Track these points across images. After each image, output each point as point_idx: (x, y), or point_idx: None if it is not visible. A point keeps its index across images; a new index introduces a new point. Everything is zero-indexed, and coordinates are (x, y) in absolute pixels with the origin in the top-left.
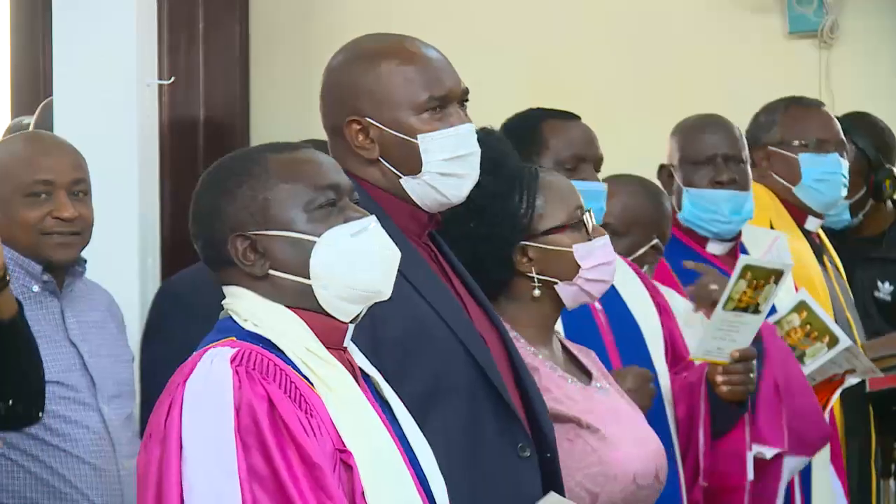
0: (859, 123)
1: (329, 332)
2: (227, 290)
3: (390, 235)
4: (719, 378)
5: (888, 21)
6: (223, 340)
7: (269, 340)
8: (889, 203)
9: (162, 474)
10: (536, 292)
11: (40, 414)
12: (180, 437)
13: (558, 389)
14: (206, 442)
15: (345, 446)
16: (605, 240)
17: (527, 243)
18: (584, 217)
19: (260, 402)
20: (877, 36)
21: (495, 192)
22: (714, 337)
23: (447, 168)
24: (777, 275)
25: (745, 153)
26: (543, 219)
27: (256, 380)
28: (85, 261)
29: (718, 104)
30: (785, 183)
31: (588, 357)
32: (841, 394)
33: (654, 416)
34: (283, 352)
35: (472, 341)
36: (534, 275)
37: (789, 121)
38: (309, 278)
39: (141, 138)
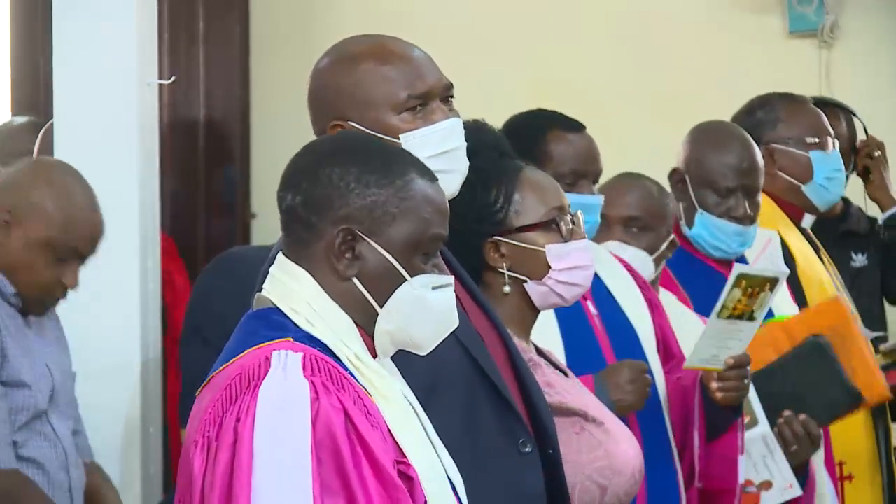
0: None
1: (369, 347)
2: (285, 264)
3: None
4: (714, 385)
5: (888, 21)
6: (281, 341)
7: (324, 344)
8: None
9: (233, 481)
10: (506, 289)
11: None
12: (252, 446)
13: (559, 384)
14: (282, 454)
15: (404, 457)
16: (583, 244)
17: (499, 238)
18: (566, 219)
19: (337, 414)
20: (877, 35)
21: (468, 181)
22: (709, 345)
23: (433, 165)
24: (772, 282)
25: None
26: (519, 215)
27: (332, 391)
28: None
29: (718, 104)
30: (794, 181)
31: (552, 355)
32: None
33: (652, 417)
34: (337, 358)
35: (468, 338)
36: (504, 271)
37: (794, 117)
38: (381, 307)
39: (141, 138)
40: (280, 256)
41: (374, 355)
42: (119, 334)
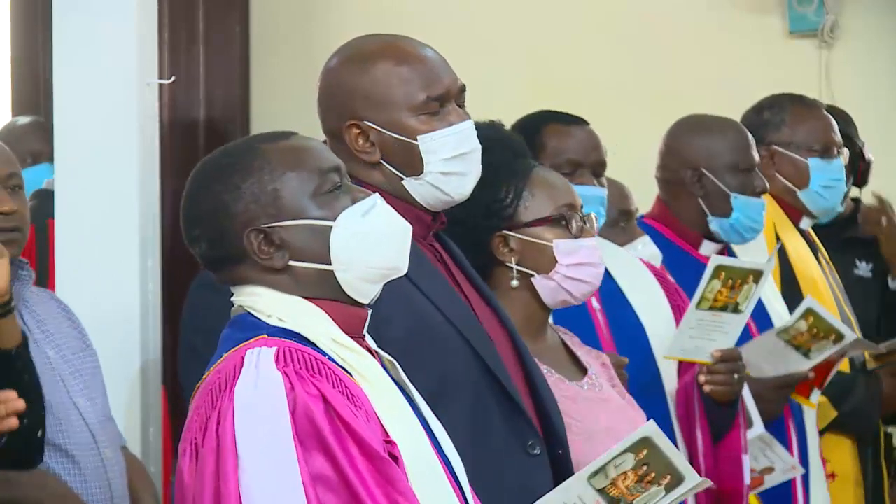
0: (842, 113)
1: (349, 320)
2: (239, 289)
3: None
4: (702, 378)
5: (888, 20)
6: (256, 339)
7: (299, 334)
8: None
9: (220, 486)
10: (514, 283)
11: (38, 458)
12: (235, 447)
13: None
14: (265, 450)
15: (389, 437)
16: (592, 241)
17: (508, 232)
18: (576, 216)
19: (315, 401)
20: (877, 35)
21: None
22: (690, 336)
23: (449, 167)
24: (756, 274)
25: None
26: (528, 210)
27: (307, 379)
28: (27, 262)
29: (718, 104)
30: (791, 186)
31: (581, 348)
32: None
33: (658, 418)
34: (315, 345)
35: (477, 339)
36: (512, 265)
37: (798, 122)
38: (330, 264)
39: (141, 138)
40: (234, 289)
41: (361, 328)
42: (119, 334)
